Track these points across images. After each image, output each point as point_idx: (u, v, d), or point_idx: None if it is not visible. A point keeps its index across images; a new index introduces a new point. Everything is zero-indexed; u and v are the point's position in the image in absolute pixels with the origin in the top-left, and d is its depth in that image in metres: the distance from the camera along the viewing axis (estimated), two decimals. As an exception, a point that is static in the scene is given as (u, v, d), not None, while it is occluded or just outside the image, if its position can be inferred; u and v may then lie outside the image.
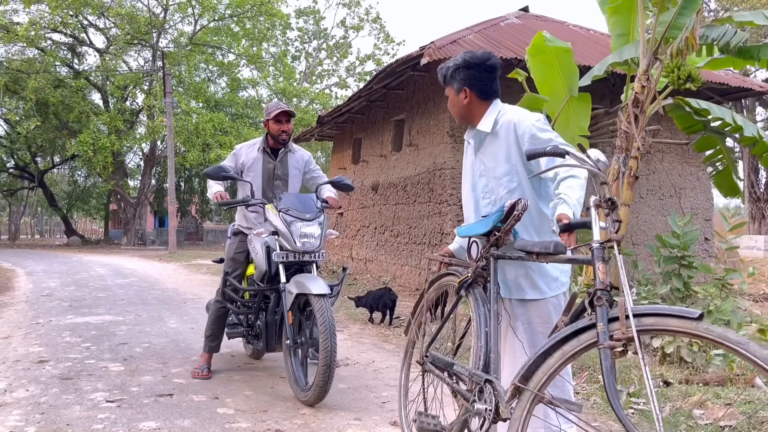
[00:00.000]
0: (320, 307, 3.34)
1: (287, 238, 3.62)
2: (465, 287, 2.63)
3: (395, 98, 11.81)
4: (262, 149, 4.23)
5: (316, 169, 4.47)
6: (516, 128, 2.60)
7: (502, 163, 2.66)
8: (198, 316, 7.20)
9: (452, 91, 2.76)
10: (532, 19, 11.67)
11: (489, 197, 2.74)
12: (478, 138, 2.73)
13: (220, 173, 3.84)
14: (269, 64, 35.60)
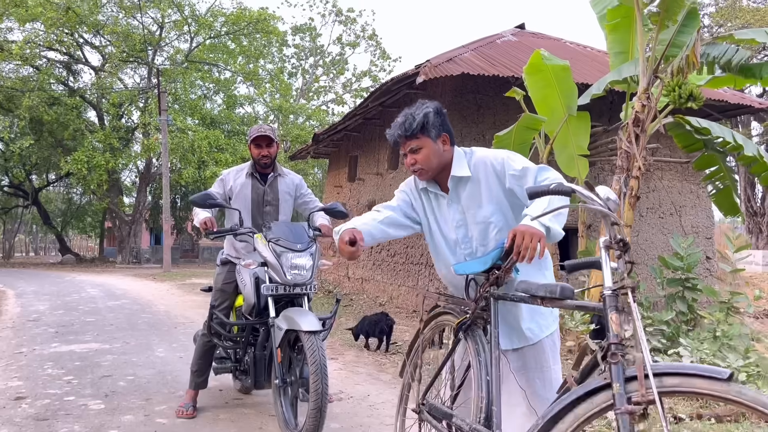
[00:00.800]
0: (311, 345, 3.13)
1: (276, 269, 3.43)
2: (464, 329, 2.44)
3: (391, 116, 11.64)
4: (250, 174, 4.05)
5: (308, 194, 4.28)
6: (494, 166, 2.47)
7: (486, 205, 2.50)
8: (188, 343, 6.96)
9: (429, 141, 2.51)
10: (528, 37, 11.57)
11: (469, 246, 2.57)
12: (453, 184, 2.54)
13: (207, 201, 3.65)
14: (265, 81, 35.56)
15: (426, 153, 2.51)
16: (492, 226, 2.49)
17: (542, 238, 2.16)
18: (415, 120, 2.50)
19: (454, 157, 2.55)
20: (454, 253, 2.61)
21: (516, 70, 8.97)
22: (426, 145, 2.50)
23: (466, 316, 2.45)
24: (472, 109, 9.45)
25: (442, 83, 9.44)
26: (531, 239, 2.12)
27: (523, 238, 2.13)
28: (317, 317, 3.32)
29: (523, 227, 2.16)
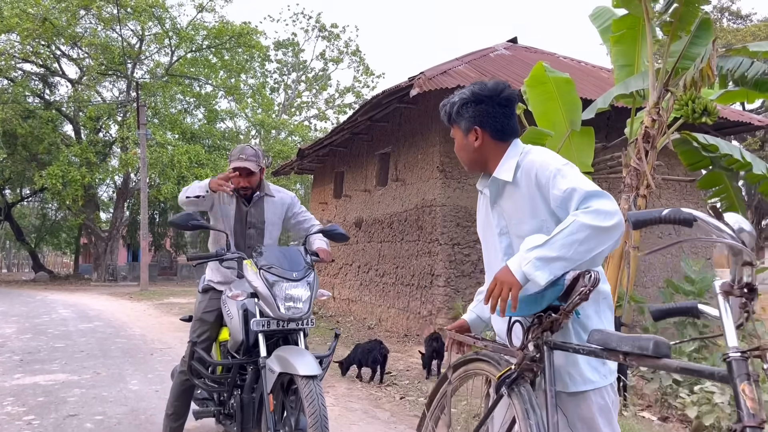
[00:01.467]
0: (309, 393, 2.66)
1: (269, 302, 2.95)
2: (508, 383, 1.99)
3: (380, 131, 11.26)
4: (235, 191, 3.57)
5: (302, 212, 3.80)
6: (537, 176, 2.01)
7: (528, 220, 2.06)
8: (164, 373, 6.41)
9: (459, 132, 2.20)
10: (521, 51, 11.28)
11: None
12: (495, 187, 2.14)
13: (189, 222, 3.17)
14: (247, 96, 35.10)
15: (456, 145, 2.25)
16: None
17: (514, 287, 1.85)
18: (444, 109, 2.24)
19: (507, 153, 2.12)
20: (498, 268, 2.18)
21: (512, 83, 8.62)
22: (456, 137, 2.24)
23: (510, 368, 2.00)
24: (466, 123, 9.07)
25: (435, 97, 9.04)
26: (501, 288, 1.88)
27: (495, 284, 1.90)
28: (315, 357, 2.85)
29: (503, 271, 1.90)
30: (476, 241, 8.84)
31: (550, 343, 1.90)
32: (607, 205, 1.83)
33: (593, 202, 1.85)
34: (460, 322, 2.42)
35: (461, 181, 8.91)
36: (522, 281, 1.86)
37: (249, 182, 3.50)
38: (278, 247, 3.30)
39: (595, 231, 1.80)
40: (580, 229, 1.80)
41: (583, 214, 1.83)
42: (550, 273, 1.84)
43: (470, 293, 8.70)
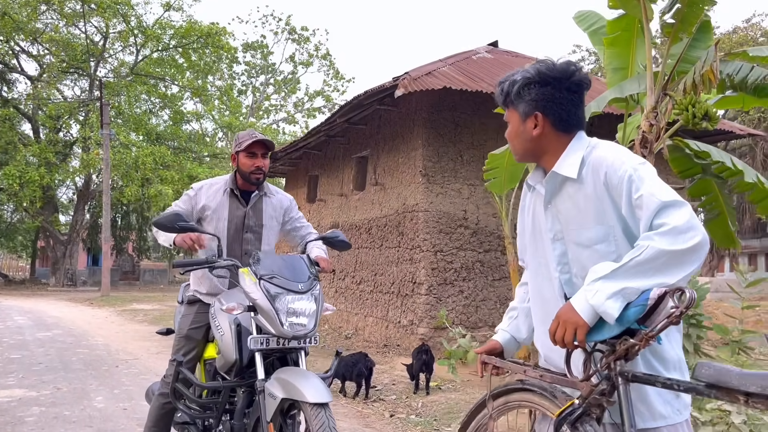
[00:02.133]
0: (321, 425, 2.29)
1: (270, 317, 2.57)
2: (571, 421, 1.67)
3: (357, 134, 10.92)
4: (228, 192, 3.20)
5: (299, 218, 3.45)
6: (608, 175, 1.70)
7: (591, 225, 1.75)
8: (132, 388, 5.96)
9: (515, 116, 1.89)
10: (503, 54, 11.08)
11: (567, 271, 1.83)
12: (553, 184, 1.83)
13: (177, 223, 2.77)
14: (215, 98, 34.44)
15: (510, 131, 1.94)
16: (597, 255, 1.74)
17: (580, 329, 1.61)
18: (502, 88, 1.92)
19: (570, 146, 1.81)
20: (549, 280, 1.87)
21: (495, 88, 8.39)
22: (511, 120, 1.92)
23: (573, 402, 1.68)
24: (449, 127, 8.80)
25: (417, 99, 8.77)
26: (564, 330, 1.64)
27: (557, 325, 1.67)
28: (322, 380, 2.49)
29: (566, 310, 1.66)
30: (459, 248, 8.56)
31: (627, 375, 1.59)
32: (686, 220, 1.55)
33: (670, 217, 1.57)
34: (492, 344, 2.10)
35: (444, 186, 8.63)
36: (590, 320, 1.61)
37: (264, 164, 3.13)
38: (279, 254, 2.93)
39: (674, 256, 1.53)
40: (657, 256, 1.54)
41: (658, 237, 1.55)
42: (624, 300, 1.57)
43: (453, 302, 8.42)
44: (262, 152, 3.11)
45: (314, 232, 3.41)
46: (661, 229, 1.56)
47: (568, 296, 1.82)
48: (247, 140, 3.08)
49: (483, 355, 2.05)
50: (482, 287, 8.67)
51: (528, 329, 2.09)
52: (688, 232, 1.53)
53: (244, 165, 3.11)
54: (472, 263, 8.65)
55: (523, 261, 2.10)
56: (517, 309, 2.12)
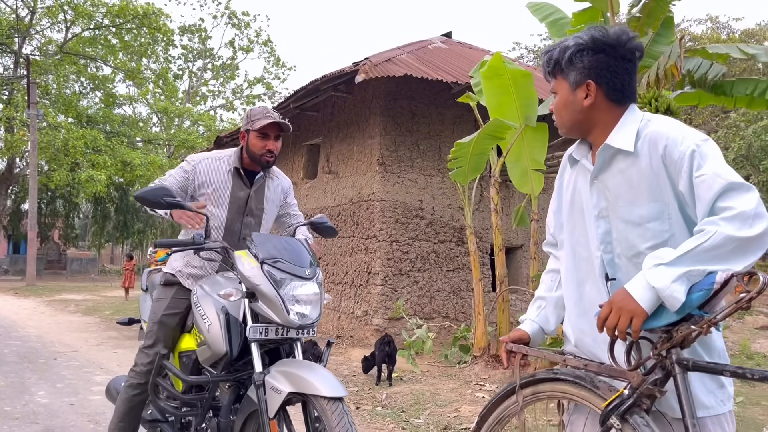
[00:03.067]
0: (341, 420, 2.12)
1: (275, 304, 2.36)
2: (620, 413, 1.57)
3: (309, 120, 10.67)
4: (233, 170, 2.95)
5: (293, 204, 3.25)
6: (668, 151, 1.60)
7: (644, 202, 1.65)
8: (77, 382, 5.59)
9: (564, 86, 1.76)
10: (456, 45, 11.06)
11: (610, 251, 1.73)
12: (604, 157, 1.72)
13: (163, 198, 2.51)
14: (149, 81, 33.18)
15: (557, 101, 1.80)
16: (648, 234, 1.65)
17: (637, 317, 1.52)
18: (550, 55, 1.78)
19: (624, 119, 1.70)
20: (589, 260, 1.77)
21: (456, 76, 8.35)
22: (559, 90, 1.79)
23: (621, 392, 1.59)
24: (406, 116, 8.69)
25: (374, 86, 8.62)
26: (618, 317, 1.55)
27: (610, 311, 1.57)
28: (335, 376, 2.32)
29: (621, 296, 1.55)
30: (414, 238, 8.48)
31: (686, 363, 1.51)
32: (755, 206, 1.47)
33: (736, 201, 1.49)
34: (518, 333, 1.98)
35: (401, 175, 8.52)
36: (649, 308, 1.52)
37: (276, 147, 2.90)
38: (275, 236, 2.70)
39: (741, 243, 1.46)
40: (725, 243, 1.46)
41: (725, 222, 1.47)
42: (689, 282, 1.49)
43: (408, 292, 8.34)
44: (276, 134, 2.89)
45: (302, 221, 3.23)
46: (727, 213, 1.48)
47: (609, 277, 1.73)
48: (261, 119, 2.83)
49: (509, 344, 1.93)
50: (437, 278, 8.63)
51: (557, 320, 1.98)
52: (756, 219, 1.46)
53: (254, 146, 2.87)
54: (427, 254, 8.59)
55: (552, 242, 1.99)
56: (546, 299, 1.99)
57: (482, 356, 6.52)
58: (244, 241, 2.88)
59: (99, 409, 4.63)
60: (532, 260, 6.90)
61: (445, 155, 8.73)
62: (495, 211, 6.85)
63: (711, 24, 30.19)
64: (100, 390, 5.29)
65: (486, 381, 5.94)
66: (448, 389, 5.57)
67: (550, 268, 2.03)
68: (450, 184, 8.73)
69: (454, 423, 4.49)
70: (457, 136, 8.67)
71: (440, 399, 5.19)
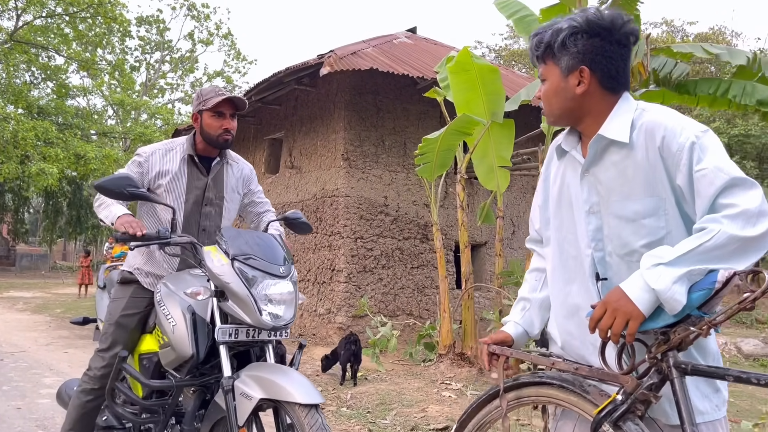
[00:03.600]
0: (317, 429, 1.99)
1: (246, 304, 2.21)
2: (613, 420, 1.49)
3: (270, 114, 10.46)
4: (187, 158, 2.76)
5: (259, 192, 3.05)
6: (666, 142, 1.51)
7: (638, 197, 1.55)
8: (25, 384, 5.30)
9: (555, 71, 1.64)
10: (422, 41, 10.99)
11: (601, 248, 1.63)
12: (596, 149, 1.61)
13: (126, 188, 2.32)
14: (105, 72, 32.26)
15: (548, 88, 1.68)
16: (643, 231, 1.55)
17: (633, 320, 1.43)
18: (541, 38, 1.66)
19: (617, 107, 1.60)
20: (577, 258, 1.67)
21: (422, 71, 8.26)
22: (550, 76, 1.66)
23: (614, 398, 1.50)
24: (371, 111, 8.57)
25: (339, 80, 8.47)
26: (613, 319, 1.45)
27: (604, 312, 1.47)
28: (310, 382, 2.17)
29: (616, 296, 1.46)
30: (379, 235, 8.37)
31: (685, 367, 1.42)
32: (759, 204, 1.39)
33: (740, 198, 1.41)
34: (502, 335, 1.87)
35: (366, 171, 8.40)
36: (647, 310, 1.42)
37: (232, 126, 2.71)
38: (246, 231, 2.53)
39: (744, 242, 1.38)
40: (728, 243, 1.38)
41: (728, 220, 1.39)
42: (689, 282, 1.40)
43: (372, 290, 8.23)
44: (231, 112, 2.71)
45: (272, 210, 3.06)
46: (730, 210, 1.39)
47: (600, 276, 1.64)
48: (213, 97, 2.65)
49: (491, 346, 1.83)
50: (401, 275, 8.54)
51: (542, 322, 1.87)
52: (759, 217, 1.38)
53: (209, 126, 2.68)
54: (391, 251, 8.49)
55: (536, 238, 1.89)
56: (530, 300, 1.88)
57: (447, 354, 6.45)
58: (204, 233, 2.71)
59: (48, 413, 4.38)
60: (498, 257, 6.86)
61: (410, 151, 8.66)
62: (461, 208, 6.79)
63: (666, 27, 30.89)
64: (49, 393, 5.03)
65: (452, 380, 5.87)
66: (413, 388, 5.48)
67: (534, 266, 1.92)
68: (415, 180, 8.65)
69: (421, 423, 4.39)
70: (423, 132, 8.59)
71: (406, 399, 5.09)
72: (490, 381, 5.87)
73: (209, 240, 2.72)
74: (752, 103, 5.85)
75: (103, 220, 2.57)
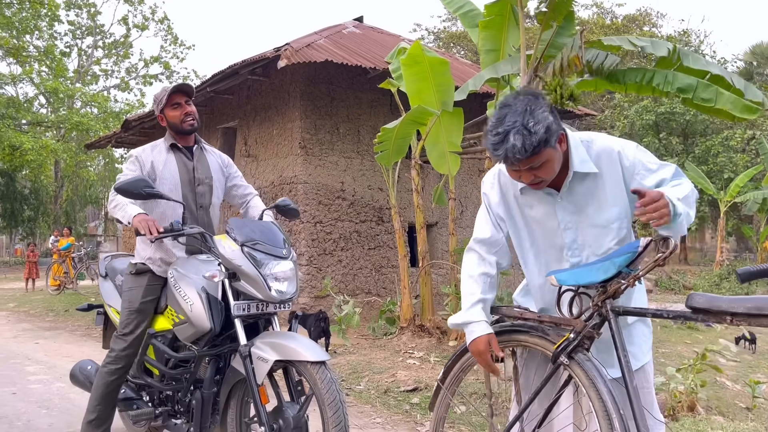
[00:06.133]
0: (325, 380, 2.44)
1: (257, 283, 2.63)
2: (567, 352, 2.00)
3: (222, 104, 10.66)
4: (171, 147, 3.12)
5: (239, 177, 3.42)
6: (621, 159, 2.05)
7: (609, 206, 2.08)
8: (9, 372, 5.53)
9: (551, 151, 1.94)
10: (369, 30, 11.36)
11: (578, 254, 2.15)
12: (573, 183, 2.08)
13: (143, 188, 2.70)
14: (34, 59, 31.16)
15: (550, 166, 1.97)
16: (612, 233, 2.09)
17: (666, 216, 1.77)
18: (537, 135, 1.87)
19: (571, 147, 2.05)
20: (559, 261, 2.17)
21: (372, 61, 8.67)
22: (550, 158, 1.95)
23: (567, 336, 2.01)
24: (325, 100, 8.94)
25: (292, 71, 8.79)
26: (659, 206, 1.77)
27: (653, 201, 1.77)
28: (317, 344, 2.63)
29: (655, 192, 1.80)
30: (337, 219, 8.80)
31: (618, 309, 1.95)
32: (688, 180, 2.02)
33: (683, 178, 2.01)
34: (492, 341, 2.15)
35: (322, 158, 8.79)
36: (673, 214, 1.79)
37: (192, 110, 3.09)
38: (249, 220, 2.95)
39: (693, 198, 1.95)
40: (694, 195, 1.96)
41: (686, 181, 1.99)
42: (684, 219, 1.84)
43: (332, 271, 8.67)
44: (185, 99, 3.08)
45: (254, 192, 3.45)
46: (683, 180, 1.99)
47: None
48: (164, 95, 3.04)
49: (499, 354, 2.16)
50: (359, 256, 9.01)
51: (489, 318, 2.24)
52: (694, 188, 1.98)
53: (173, 118, 3.05)
54: (349, 233, 8.94)
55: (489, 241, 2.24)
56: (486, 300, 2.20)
57: (409, 327, 6.97)
58: (202, 210, 3.11)
59: (44, 396, 4.66)
60: (451, 236, 7.40)
61: (364, 138, 9.09)
62: (416, 191, 7.28)
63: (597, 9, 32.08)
64: (37, 379, 5.30)
65: (414, 349, 6.40)
66: (380, 358, 5.98)
67: (482, 271, 2.22)
68: (369, 165, 9.10)
69: (392, 387, 4.90)
70: (375, 119, 9.03)
71: (376, 367, 5.58)
72: (448, 348, 6.44)
73: (207, 217, 3.15)
74: (673, 90, 6.54)
75: (120, 219, 2.93)
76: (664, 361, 6.07)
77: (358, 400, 4.65)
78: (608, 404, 1.86)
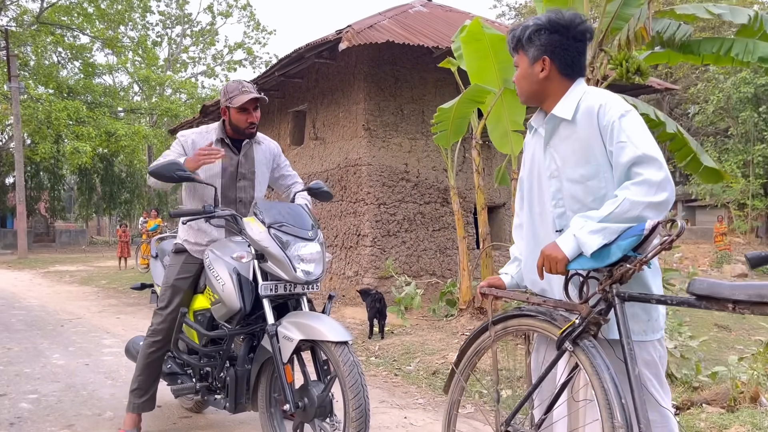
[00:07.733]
0: (346, 360, 2.50)
1: (283, 264, 2.70)
2: (572, 338, 1.93)
3: (293, 87, 10.85)
4: (220, 141, 3.22)
5: (286, 166, 3.51)
6: (599, 116, 1.94)
7: (582, 163, 2.00)
8: (87, 345, 5.93)
9: (525, 60, 2.09)
10: (438, 9, 11.21)
11: (561, 206, 2.07)
12: (552, 125, 2.06)
13: (176, 171, 2.82)
14: (128, 49, 32.84)
15: (518, 73, 2.13)
16: (589, 190, 1.99)
17: (560, 263, 1.89)
18: (513, 34, 2.11)
19: (570, 91, 2.03)
20: (543, 213, 2.12)
21: (437, 40, 8.56)
22: (520, 64, 2.11)
23: (573, 322, 1.94)
24: (389, 81, 8.92)
25: (357, 53, 8.81)
26: (549, 264, 1.93)
27: (542, 261, 1.95)
28: (341, 324, 2.68)
29: (550, 248, 1.93)
30: (401, 200, 8.81)
31: (623, 295, 1.85)
32: (659, 175, 1.82)
33: (645, 169, 1.83)
34: (496, 280, 2.32)
35: (386, 140, 8.80)
36: (571, 254, 1.88)
37: (257, 117, 3.17)
38: (278, 202, 3.03)
39: (645, 207, 1.81)
40: (632, 207, 1.81)
41: (634, 187, 1.82)
42: (604, 238, 1.83)
43: (396, 252, 8.70)
44: (254, 106, 3.15)
45: (300, 181, 3.52)
46: (637, 179, 1.83)
47: (559, 229, 2.07)
48: (238, 96, 3.08)
49: (483, 288, 2.27)
50: (423, 238, 8.99)
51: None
52: (659, 186, 1.80)
53: (237, 120, 3.13)
54: (413, 215, 8.93)
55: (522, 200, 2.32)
56: (521, 260, 2.30)
57: (467, 309, 6.92)
58: (240, 203, 3.19)
59: (113, 367, 4.97)
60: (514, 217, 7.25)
61: (428, 119, 9.01)
62: (477, 172, 7.16)
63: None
64: (110, 351, 5.65)
65: (470, 331, 6.35)
66: (435, 339, 5.98)
67: (517, 223, 2.36)
68: (434, 146, 9.03)
69: (442, 368, 4.89)
70: (440, 100, 8.92)
71: (429, 348, 5.58)
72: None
73: (245, 209, 3.23)
74: (754, 60, 6.08)
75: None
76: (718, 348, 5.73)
77: (405, 380, 4.68)
78: (610, 394, 1.79)
